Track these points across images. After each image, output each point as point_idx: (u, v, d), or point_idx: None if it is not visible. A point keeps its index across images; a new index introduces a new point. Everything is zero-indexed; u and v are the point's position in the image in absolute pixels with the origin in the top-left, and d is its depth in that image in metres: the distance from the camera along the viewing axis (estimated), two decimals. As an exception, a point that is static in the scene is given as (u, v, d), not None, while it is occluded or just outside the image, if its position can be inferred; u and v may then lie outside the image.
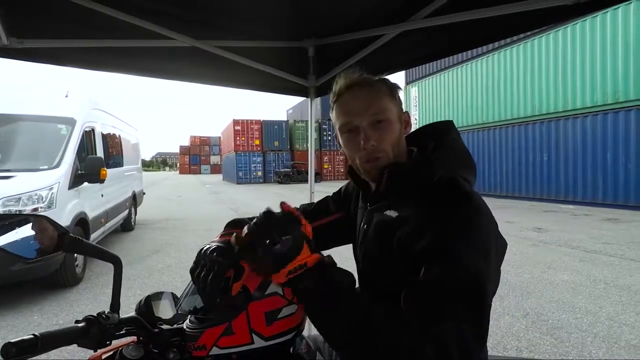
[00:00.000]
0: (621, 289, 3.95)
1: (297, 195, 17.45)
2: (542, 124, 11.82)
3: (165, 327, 0.97)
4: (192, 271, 0.84)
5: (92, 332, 0.77)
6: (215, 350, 0.87)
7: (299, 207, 1.16)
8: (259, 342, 0.88)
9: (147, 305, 1.02)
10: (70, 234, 0.82)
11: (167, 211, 11.70)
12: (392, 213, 0.83)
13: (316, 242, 1.10)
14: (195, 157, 74.18)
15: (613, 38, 9.75)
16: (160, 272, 4.94)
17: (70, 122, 4.98)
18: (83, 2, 1.42)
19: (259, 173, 30.84)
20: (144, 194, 10.07)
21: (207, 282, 0.80)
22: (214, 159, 72.76)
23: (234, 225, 0.92)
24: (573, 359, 2.62)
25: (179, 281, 4.53)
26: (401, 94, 0.91)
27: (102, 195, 5.65)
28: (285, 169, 29.13)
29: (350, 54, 2.08)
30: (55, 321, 3.42)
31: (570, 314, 3.35)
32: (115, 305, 0.90)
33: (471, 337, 0.65)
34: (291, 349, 0.98)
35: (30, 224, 0.91)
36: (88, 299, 3.98)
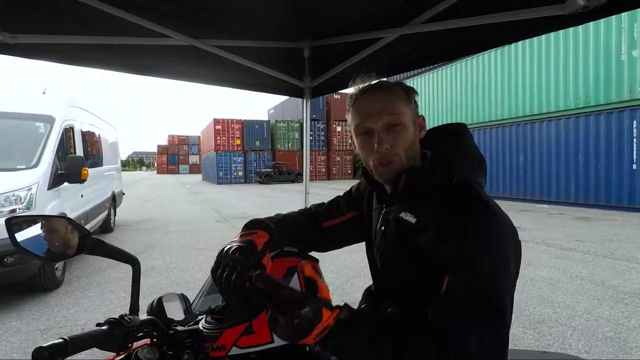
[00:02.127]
0: (596, 284, 4.15)
1: (280, 195, 17.40)
2: (519, 126, 12.23)
3: (180, 328, 0.97)
4: (213, 271, 0.85)
5: (116, 334, 0.76)
6: (234, 351, 0.88)
7: (309, 207, 1.18)
8: (278, 341, 0.89)
9: (159, 307, 1.02)
10: (93, 236, 0.81)
11: (146, 212, 11.43)
12: (411, 218, 0.84)
13: (330, 241, 1.12)
14: (174, 156, 72.64)
15: (585, 47, 10.22)
16: (144, 274, 4.75)
17: (49, 120, 4.80)
18: (80, -2, 1.40)
19: (240, 173, 30.52)
20: (123, 194, 9.81)
21: (231, 282, 0.80)
22: (193, 159, 71.48)
23: (253, 225, 0.92)
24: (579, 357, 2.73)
25: (165, 283, 4.45)
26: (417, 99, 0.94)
27: (82, 196, 5.48)
28: (267, 169, 28.94)
29: (346, 56, 2.11)
30: (36, 326, 3.30)
31: (550, 309, 3.49)
32: (134, 307, 0.89)
33: (494, 346, 0.70)
34: (307, 347, 0.99)
35: (39, 224, 0.89)
36: (69, 304, 3.85)
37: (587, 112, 10.27)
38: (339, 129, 34.56)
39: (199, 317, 1.03)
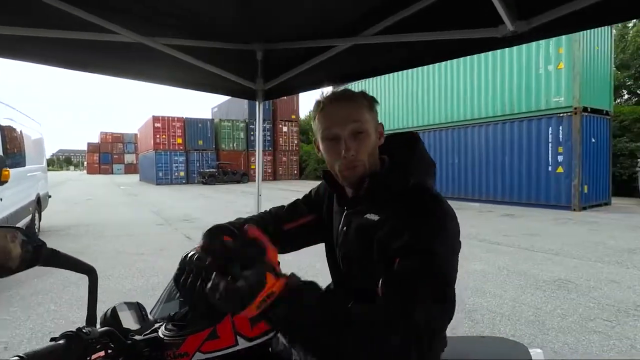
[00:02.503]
0: (519, 274, 4.63)
1: (225, 197, 16.94)
2: (454, 130, 13.18)
3: (137, 337, 0.94)
4: (177, 278, 0.84)
5: (74, 348, 0.73)
6: (198, 356, 0.88)
7: (270, 210, 1.20)
8: (242, 343, 0.91)
9: (113, 317, 0.98)
10: (47, 246, 0.76)
11: (76, 216, 10.51)
12: (373, 217, 0.91)
13: (290, 243, 1.16)
14: (107, 155, 67.06)
15: (510, 61, 11.32)
16: (76, 284, 4.45)
17: (-40, 114, 4.25)
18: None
19: (182, 173, 29.13)
20: (49, 197, 8.92)
21: (196, 288, 0.81)
22: (129, 158, 66.66)
23: (216, 231, 0.93)
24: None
25: (100, 292, 4.13)
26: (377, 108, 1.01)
27: (0, 199, 4.92)
28: (211, 169, 27.93)
29: (300, 61, 2.15)
30: (-53, 348, 2.91)
31: (482, 298, 3.84)
32: (92, 318, 0.86)
33: (439, 316, 0.76)
34: (270, 349, 1.02)
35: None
36: (-12, 319, 3.45)
37: (511, 119, 11.36)
38: (285, 129, 34.46)
39: (156, 325, 1.02)
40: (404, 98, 15.30)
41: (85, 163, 77.79)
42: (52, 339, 0.74)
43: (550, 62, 10.44)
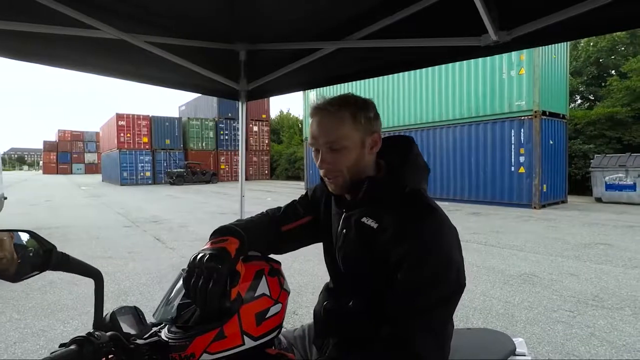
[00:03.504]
0: (488, 270, 4.86)
1: (194, 197, 16.54)
2: (424, 131, 13.57)
3: (140, 341, 0.94)
4: (186, 280, 0.84)
5: (86, 353, 0.72)
6: (205, 357, 0.88)
7: (266, 211, 1.21)
8: (249, 343, 0.93)
9: (113, 321, 0.97)
10: (57, 250, 0.74)
11: (35, 219, 9.92)
12: (373, 223, 0.94)
13: (289, 244, 1.18)
14: (66, 154, 63.38)
15: (475, 66, 11.79)
16: (41, 290, 4.22)
17: None
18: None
19: (148, 173, 28.11)
20: (5, 198, 8.36)
21: (208, 290, 0.81)
22: (90, 157, 63.42)
23: (223, 232, 0.94)
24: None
25: (69, 299, 3.95)
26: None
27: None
28: (179, 169, 27.12)
29: (284, 63, 2.15)
30: None
31: (455, 294, 3.99)
32: (99, 322, 0.84)
33: (440, 328, 0.84)
34: (273, 347, 1.03)
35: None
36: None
37: (477, 121, 11.86)
38: (255, 128, 34.11)
39: (155, 329, 1.01)
40: (376, 100, 15.17)
41: (41, 162, 73.26)
42: (61, 345, 0.72)
43: (512, 68, 10.97)
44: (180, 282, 0.94)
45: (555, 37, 1.40)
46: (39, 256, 0.73)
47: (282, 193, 17.22)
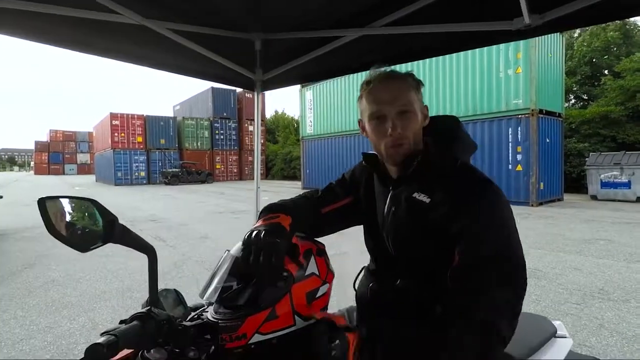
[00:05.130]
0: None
1: (190, 197, 16.43)
2: (421, 130, 13.61)
3: (187, 323, 0.92)
4: (245, 258, 0.82)
5: (148, 328, 0.70)
6: (256, 338, 0.86)
7: (304, 194, 1.19)
8: (299, 323, 0.91)
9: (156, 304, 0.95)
10: (119, 221, 0.72)
11: (29, 218, 9.72)
12: (425, 198, 0.92)
13: (328, 226, 1.16)
14: (57, 154, 62.52)
15: (472, 65, 11.88)
16: (43, 288, 4.16)
17: None
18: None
19: (142, 173, 27.88)
20: (0, 197, 8.24)
21: (271, 263, 0.79)
22: (82, 158, 62.68)
23: (273, 210, 0.92)
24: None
25: (74, 296, 3.89)
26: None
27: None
28: (174, 169, 26.90)
29: (302, 52, 2.12)
30: None
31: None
32: (154, 299, 0.81)
33: (508, 303, 0.81)
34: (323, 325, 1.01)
35: (70, 207, 0.78)
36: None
37: (475, 119, 11.91)
38: (251, 128, 33.95)
39: (198, 311, 0.99)
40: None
41: (33, 163, 72.31)
42: (121, 321, 0.70)
43: (509, 67, 11.05)
44: (227, 263, 0.92)
45: (587, 19, 1.39)
46: (101, 227, 0.71)
47: (279, 193, 17.14)
